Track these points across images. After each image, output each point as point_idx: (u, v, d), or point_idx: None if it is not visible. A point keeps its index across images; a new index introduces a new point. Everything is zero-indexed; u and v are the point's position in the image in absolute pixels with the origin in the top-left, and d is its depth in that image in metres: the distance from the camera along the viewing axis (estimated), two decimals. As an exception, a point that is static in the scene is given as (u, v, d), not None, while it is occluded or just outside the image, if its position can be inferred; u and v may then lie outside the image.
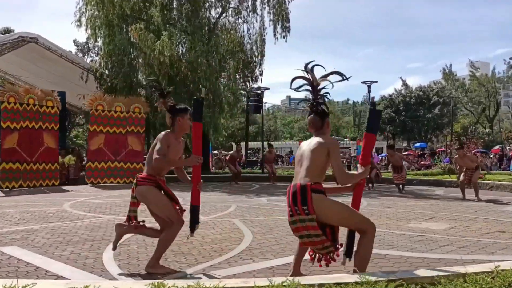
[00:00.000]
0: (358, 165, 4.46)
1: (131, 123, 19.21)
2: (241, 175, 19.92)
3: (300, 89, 4.59)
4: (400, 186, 14.84)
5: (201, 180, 5.05)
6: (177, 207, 4.96)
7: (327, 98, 4.58)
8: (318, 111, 4.43)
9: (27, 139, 16.82)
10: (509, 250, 5.97)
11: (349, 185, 4.46)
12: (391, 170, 16.43)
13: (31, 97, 17.07)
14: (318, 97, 4.47)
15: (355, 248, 4.30)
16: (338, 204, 4.20)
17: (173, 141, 4.91)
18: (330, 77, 4.46)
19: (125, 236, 6.89)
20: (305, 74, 4.47)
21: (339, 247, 4.27)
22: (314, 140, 4.29)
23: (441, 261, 5.32)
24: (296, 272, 4.46)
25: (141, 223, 5.14)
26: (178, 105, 5.12)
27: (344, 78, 4.47)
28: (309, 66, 4.45)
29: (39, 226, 7.84)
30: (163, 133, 4.90)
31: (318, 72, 4.50)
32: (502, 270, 3.66)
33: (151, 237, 5.30)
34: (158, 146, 4.76)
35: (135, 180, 4.98)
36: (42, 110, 17.40)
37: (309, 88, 4.49)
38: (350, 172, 4.44)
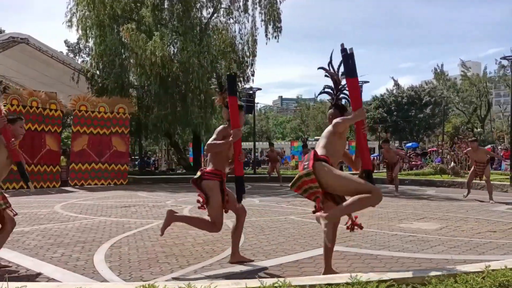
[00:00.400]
0: (352, 110, 4.61)
1: (115, 123, 19.13)
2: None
3: (324, 91, 4.96)
4: (395, 186, 14.24)
5: (242, 152, 5.33)
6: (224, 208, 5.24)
7: (346, 94, 4.85)
8: (338, 105, 4.77)
9: (29, 141, 16.79)
10: (499, 250, 5.99)
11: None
12: (384, 170, 16.39)
13: (35, 100, 17.12)
14: (339, 93, 4.83)
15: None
16: (338, 172, 4.43)
17: (229, 134, 5.16)
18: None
19: (117, 238, 6.89)
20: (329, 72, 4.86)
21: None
22: (330, 125, 4.63)
23: (432, 261, 5.34)
24: (328, 267, 4.55)
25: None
26: (238, 102, 5.43)
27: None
28: (335, 66, 4.83)
29: (30, 228, 7.80)
30: (221, 126, 5.27)
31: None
32: (493, 270, 3.68)
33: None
34: (213, 136, 5.15)
35: (199, 173, 5.21)
36: (45, 113, 17.38)
37: (331, 84, 4.86)
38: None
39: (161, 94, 20.37)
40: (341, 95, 4.85)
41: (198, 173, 5.23)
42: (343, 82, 4.82)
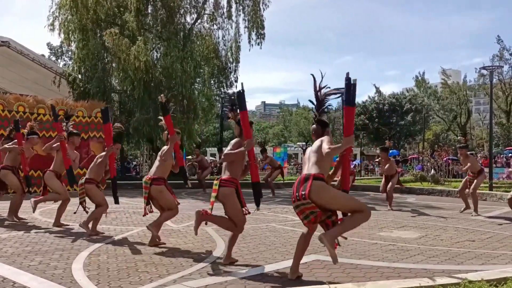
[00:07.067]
0: (344, 138, 4.82)
1: (93, 128, 18.81)
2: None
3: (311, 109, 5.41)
4: (388, 202, 12.18)
5: (257, 158, 6.05)
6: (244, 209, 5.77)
7: (328, 109, 5.39)
8: (320, 121, 5.15)
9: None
10: (478, 259, 6.06)
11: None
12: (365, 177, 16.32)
13: (21, 105, 16.80)
14: (321, 109, 5.20)
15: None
16: (336, 191, 4.84)
17: (242, 145, 5.72)
18: (332, 93, 5.30)
19: (96, 245, 6.83)
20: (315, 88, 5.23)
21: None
22: (315, 143, 4.99)
23: (411, 271, 5.37)
24: (295, 269, 5.02)
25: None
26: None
27: (340, 94, 5.34)
28: (319, 84, 5.23)
29: (7, 235, 7.68)
30: (236, 139, 5.82)
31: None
32: (470, 282, 3.72)
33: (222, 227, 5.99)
34: (229, 147, 5.75)
35: (217, 181, 5.69)
36: (33, 117, 17.04)
37: (314, 101, 5.25)
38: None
39: (145, 99, 20.26)
40: (324, 112, 5.22)
41: (217, 181, 5.68)
42: (326, 99, 5.23)
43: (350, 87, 4.81)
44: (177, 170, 7.45)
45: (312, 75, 5.20)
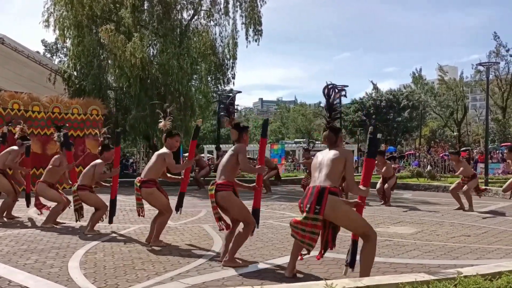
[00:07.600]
0: (360, 186, 4.83)
1: (88, 125, 18.69)
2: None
3: (320, 114, 5.31)
4: (386, 198, 12.14)
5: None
6: None
7: (339, 115, 5.51)
8: (332, 128, 5.02)
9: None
10: (473, 254, 6.09)
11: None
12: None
13: (16, 102, 16.66)
14: (333, 114, 5.11)
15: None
16: (349, 208, 4.75)
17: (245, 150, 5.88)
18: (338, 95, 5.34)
19: (92, 243, 6.82)
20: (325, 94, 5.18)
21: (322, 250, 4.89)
22: (332, 151, 4.87)
23: (408, 266, 5.40)
24: (292, 268, 5.02)
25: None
26: (242, 123, 6.12)
27: (342, 94, 5.71)
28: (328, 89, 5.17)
29: (2, 233, 7.66)
30: (242, 145, 5.78)
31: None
32: (465, 277, 3.73)
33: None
34: (243, 155, 5.67)
35: (213, 186, 5.59)
36: (28, 115, 16.93)
37: (326, 107, 5.18)
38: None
39: (141, 96, 20.21)
40: (336, 116, 5.19)
41: (212, 187, 5.60)
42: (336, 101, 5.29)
43: (373, 141, 4.95)
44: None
45: (326, 87, 5.15)
